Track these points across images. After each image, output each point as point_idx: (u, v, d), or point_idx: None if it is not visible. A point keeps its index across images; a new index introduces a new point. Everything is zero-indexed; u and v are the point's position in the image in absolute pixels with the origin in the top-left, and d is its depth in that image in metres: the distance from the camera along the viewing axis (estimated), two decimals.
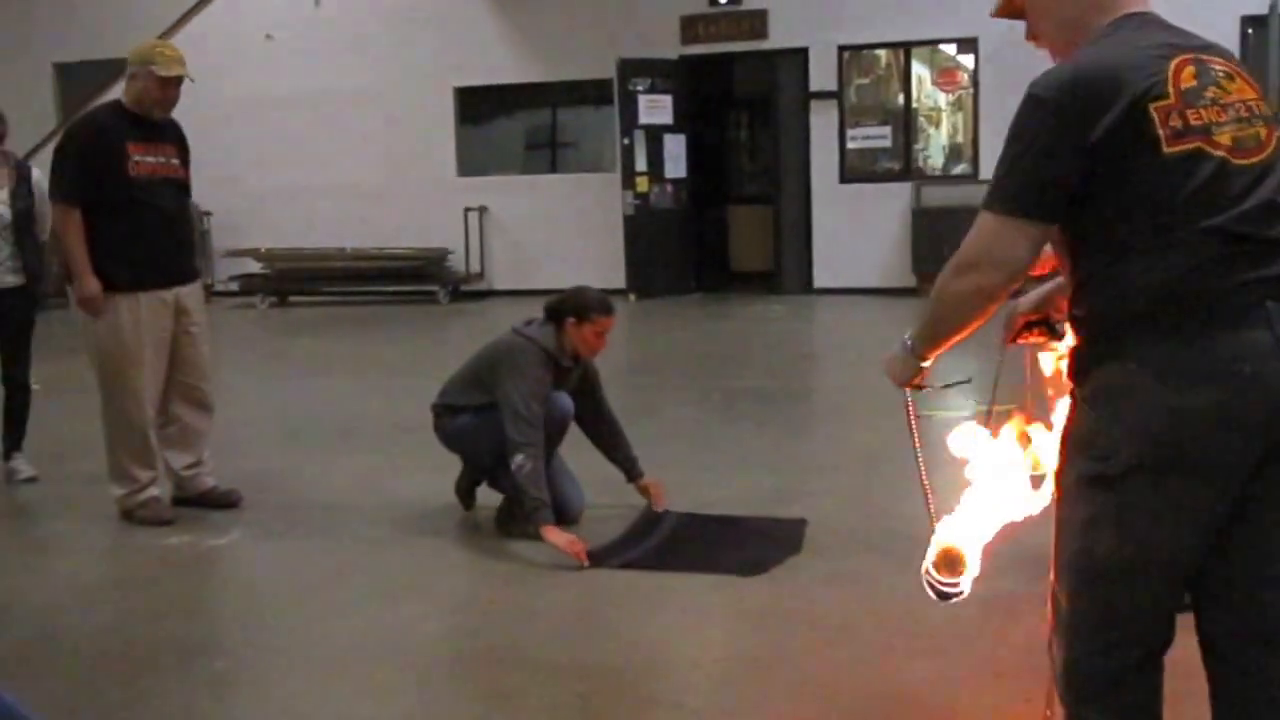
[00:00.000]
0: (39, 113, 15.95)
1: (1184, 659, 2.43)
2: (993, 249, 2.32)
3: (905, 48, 14.21)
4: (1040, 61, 4.87)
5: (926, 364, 2.58)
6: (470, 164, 15.63)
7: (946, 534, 2.77)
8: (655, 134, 14.34)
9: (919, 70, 14.48)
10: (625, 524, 5.22)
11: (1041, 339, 2.78)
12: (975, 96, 13.95)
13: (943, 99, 14.70)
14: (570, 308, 5.16)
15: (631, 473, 5.42)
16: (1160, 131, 2.21)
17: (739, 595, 4.47)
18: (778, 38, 14.28)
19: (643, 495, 5.37)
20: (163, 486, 5.70)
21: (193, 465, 5.73)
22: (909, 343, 2.58)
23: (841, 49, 14.20)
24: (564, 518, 5.11)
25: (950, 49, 14.36)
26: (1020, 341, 2.82)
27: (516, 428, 4.92)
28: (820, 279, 14.33)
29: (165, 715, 3.66)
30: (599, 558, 4.79)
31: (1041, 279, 2.74)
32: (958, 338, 2.48)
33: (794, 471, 6.26)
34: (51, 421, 7.37)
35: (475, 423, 5.19)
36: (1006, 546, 4.81)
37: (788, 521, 5.21)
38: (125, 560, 5.25)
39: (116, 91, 5.88)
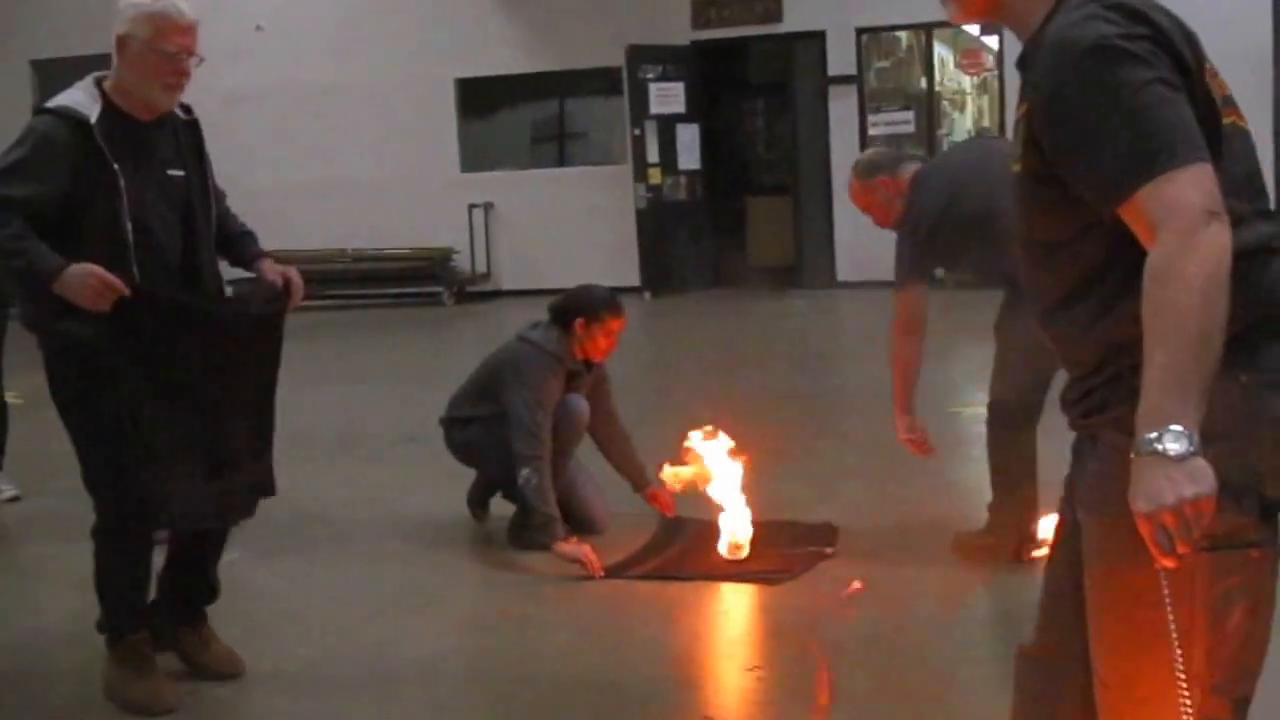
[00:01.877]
0: (16, 111, 15.64)
1: None
2: (1215, 194, 1.75)
3: (927, 29, 13.88)
4: None
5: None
6: (474, 159, 15.35)
7: None
8: (667, 124, 14.11)
9: (941, 52, 14.27)
10: (649, 532, 5.13)
11: None
12: (1001, 79, 13.66)
13: (967, 82, 14.70)
14: (578, 309, 5.04)
15: (639, 482, 5.27)
16: (1217, 96, 1.90)
17: (763, 603, 4.46)
18: (793, 20, 14.01)
19: (651, 504, 5.24)
20: None
21: None
22: (1163, 431, 1.70)
23: (860, 31, 13.95)
24: (590, 529, 5.05)
25: (974, 29, 14.12)
26: None
27: (522, 441, 4.80)
28: (843, 272, 14.01)
29: None
30: (617, 571, 4.69)
31: None
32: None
33: (820, 474, 6.21)
34: (35, 437, 7.06)
35: (485, 434, 5.11)
36: None
37: (815, 526, 5.05)
38: None
39: None
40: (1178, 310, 1.71)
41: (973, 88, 14.58)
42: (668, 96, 14.05)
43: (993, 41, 13.75)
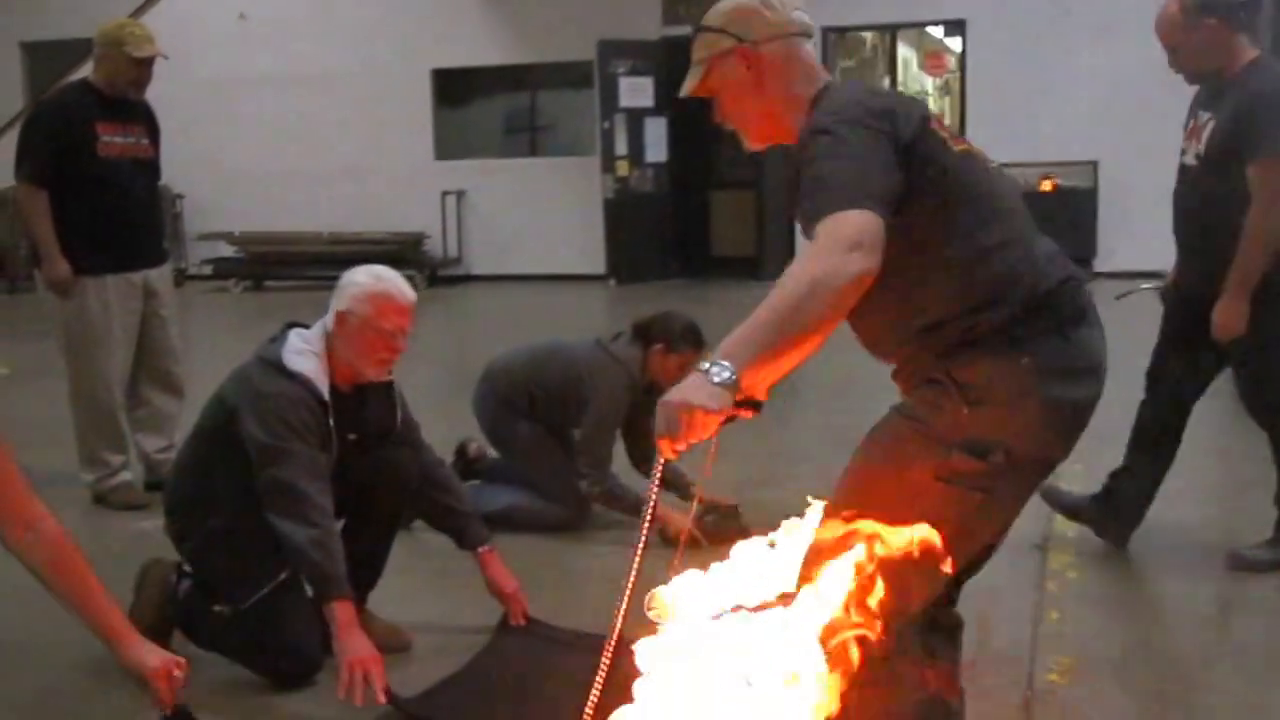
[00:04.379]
0: (5, 93, 15.72)
1: None
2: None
3: (891, 30, 14.12)
4: (1030, 46, 4.71)
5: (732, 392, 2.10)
6: (448, 147, 15.48)
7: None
8: (636, 117, 14.19)
9: (905, 53, 14.47)
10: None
11: (748, 414, 2.56)
12: (963, 80, 13.78)
13: (929, 83, 14.67)
14: (661, 333, 4.87)
15: (684, 493, 4.92)
16: (942, 134, 2.36)
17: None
18: None
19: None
20: (134, 471, 5.63)
21: (164, 449, 5.62)
22: (718, 364, 2.09)
23: (826, 31, 13.98)
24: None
25: (937, 31, 14.31)
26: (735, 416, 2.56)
27: (587, 460, 4.79)
28: None
29: (137, 705, 3.38)
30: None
31: None
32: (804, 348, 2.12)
33: (771, 457, 6.24)
34: (21, 406, 7.30)
35: (537, 438, 4.98)
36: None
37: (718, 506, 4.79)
38: (97, 546, 4.88)
39: (85, 71, 5.77)
40: (787, 290, 2.09)
41: (935, 89, 14.68)
42: (637, 91, 14.12)
43: (955, 43, 13.92)
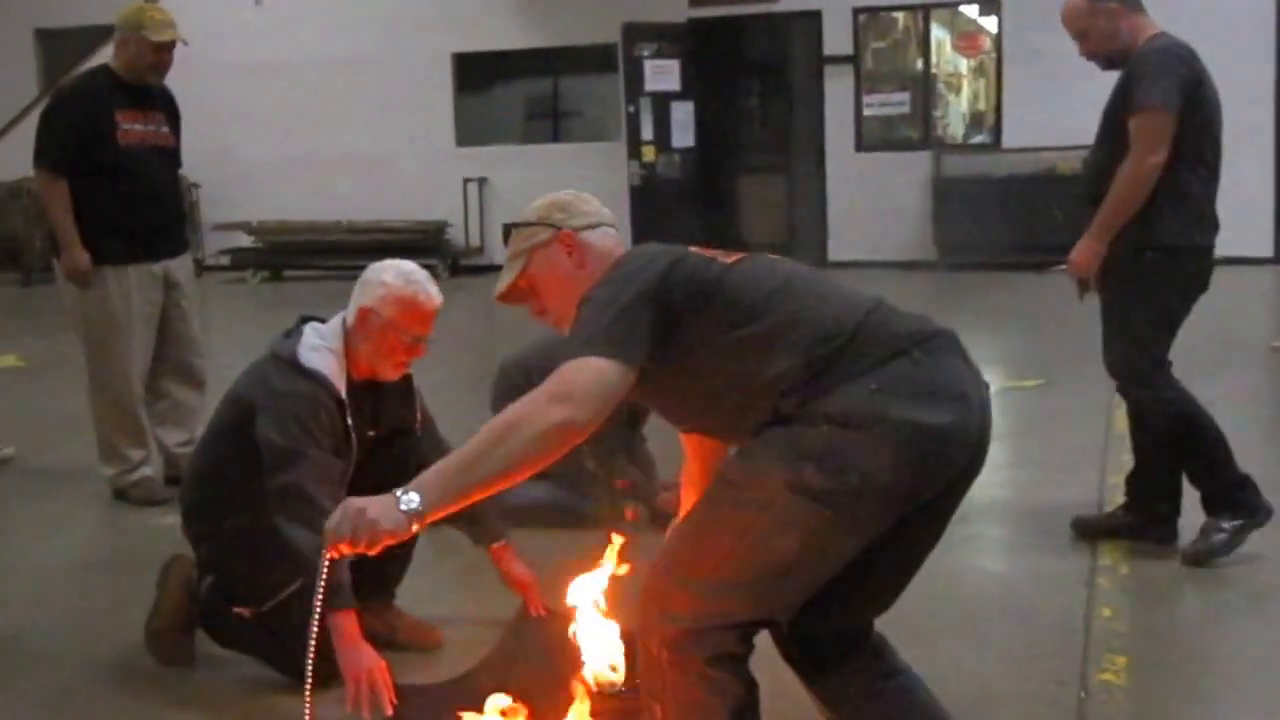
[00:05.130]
0: (19, 81, 15.62)
1: None
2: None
3: (924, 10, 13.89)
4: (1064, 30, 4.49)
5: (417, 528, 2.20)
6: (469, 133, 15.33)
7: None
8: (662, 101, 13.98)
9: (939, 34, 14.19)
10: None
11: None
12: (998, 62, 13.62)
13: (964, 64, 14.46)
14: None
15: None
16: (707, 254, 2.55)
17: None
18: (790, 0, 13.96)
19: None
20: (155, 465, 5.55)
21: (185, 443, 5.47)
22: (408, 493, 2.19)
23: (857, 11, 13.92)
24: None
25: (972, 11, 14.15)
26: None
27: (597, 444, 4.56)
28: (835, 252, 14.00)
29: (159, 702, 3.45)
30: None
31: None
32: (492, 487, 2.25)
33: None
34: (40, 399, 7.30)
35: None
36: (1034, 522, 4.64)
37: None
38: (117, 542, 5.12)
39: (100, 58, 5.73)
40: (488, 431, 2.22)
41: (969, 70, 14.42)
42: (663, 74, 13.92)
43: (990, 24, 13.72)
